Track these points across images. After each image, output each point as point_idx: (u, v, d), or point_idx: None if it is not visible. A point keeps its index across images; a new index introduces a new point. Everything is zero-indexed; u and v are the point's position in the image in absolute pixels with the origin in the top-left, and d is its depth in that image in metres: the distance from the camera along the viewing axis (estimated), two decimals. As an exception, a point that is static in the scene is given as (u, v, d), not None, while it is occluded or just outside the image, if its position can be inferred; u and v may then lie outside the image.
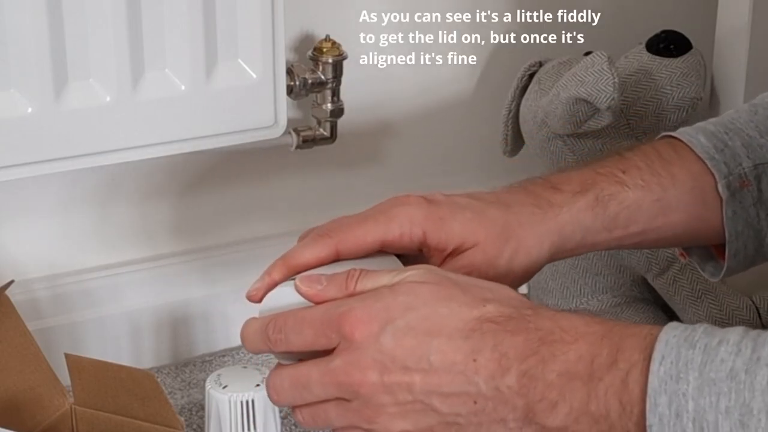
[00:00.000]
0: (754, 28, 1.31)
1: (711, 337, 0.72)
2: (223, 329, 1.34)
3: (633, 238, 0.94)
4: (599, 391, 0.73)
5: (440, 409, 0.76)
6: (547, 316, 0.77)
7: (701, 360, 0.71)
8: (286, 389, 0.80)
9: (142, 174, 1.28)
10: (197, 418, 1.22)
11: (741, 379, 0.69)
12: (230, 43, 1.20)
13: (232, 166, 1.33)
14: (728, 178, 0.94)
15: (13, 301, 1.08)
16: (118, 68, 1.15)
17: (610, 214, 0.92)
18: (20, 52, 1.11)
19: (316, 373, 0.78)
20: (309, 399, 0.79)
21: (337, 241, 0.85)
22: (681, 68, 1.30)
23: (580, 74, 1.25)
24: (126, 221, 1.30)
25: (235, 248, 1.34)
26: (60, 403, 1.09)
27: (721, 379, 0.70)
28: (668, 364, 0.71)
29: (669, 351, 0.72)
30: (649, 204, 0.93)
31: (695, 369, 0.71)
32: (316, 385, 0.78)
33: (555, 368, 0.74)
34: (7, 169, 1.15)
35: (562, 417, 0.74)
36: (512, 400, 0.75)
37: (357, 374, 0.77)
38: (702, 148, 0.94)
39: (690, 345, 0.72)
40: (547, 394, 0.74)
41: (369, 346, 0.76)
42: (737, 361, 0.70)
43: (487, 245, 0.88)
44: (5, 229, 1.25)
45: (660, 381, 0.71)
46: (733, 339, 0.71)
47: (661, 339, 0.72)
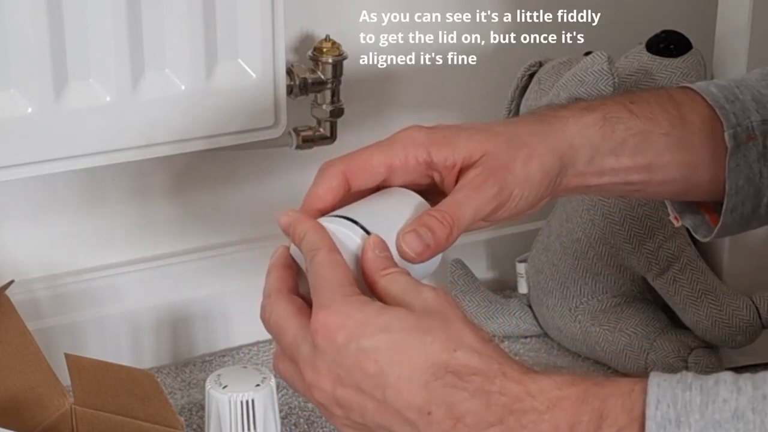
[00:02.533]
0: (754, 28, 1.31)
1: (704, 379, 0.67)
2: (223, 329, 1.33)
3: (639, 173, 0.91)
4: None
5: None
6: (515, 379, 0.70)
7: (701, 401, 0.66)
8: (270, 324, 0.78)
9: (142, 174, 1.28)
10: (197, 418, 1.22)
11: (749, 419, 0.65)
12: (230, 43, 1.20)
13: (232, 166, 1.33)
14: (735, 128, 0.92)
15: (13, 301, 1.08)
16: (118, 68, 1.15)
17: (618, 138, 0.90)
18: (20, 52, 1.11)
19: (292, 333, 0.76)
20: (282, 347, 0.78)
21: (344, 168, 0.83)
22: (681, 68, 1.30)
23: (580, 74, 1.25)
24: (126, 221, 1.30)
25: (235, 248, 1.34)
26: (60, 403, 1.09)
27: (727, 420, 0.65)
28: (665, 407, 0.67)
29: (663, 394, 0.67)
30: (657, 137, 0.91)
31: (695, 411, 0.66)
32: (290, 345, 0.76)
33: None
34: (7, 169, 1.15)
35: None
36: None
37: (312, 374, 0.74)
38: (713, 97, 0.93)
39: (685, 386, 0.67)
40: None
41: (328, 352, 0.73)
42: (741, 400, 0.66)
43: (497, 153, 0.84)
44: (5, 229, 1.25)
45: (658, 426, 0.66)
46: (728, 378, 0.67)
47: (651, 383, 0.68)
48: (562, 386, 0.70)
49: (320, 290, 0.75)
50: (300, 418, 1.22)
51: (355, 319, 0.73)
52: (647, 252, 1.29)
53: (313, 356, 0.74)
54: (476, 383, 0.70)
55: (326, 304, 0.74)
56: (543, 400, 0.69)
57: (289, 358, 0.77)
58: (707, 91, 0.94)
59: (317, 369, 0.74)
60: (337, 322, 0.73)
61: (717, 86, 0.95)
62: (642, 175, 0.92)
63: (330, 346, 0.73)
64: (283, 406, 1.23)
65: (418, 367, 0.71)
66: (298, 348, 0.76)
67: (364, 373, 0.72)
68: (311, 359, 0.74)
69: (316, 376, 0.74)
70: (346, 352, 0.72)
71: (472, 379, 0.70)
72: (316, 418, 1.22)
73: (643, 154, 0.91)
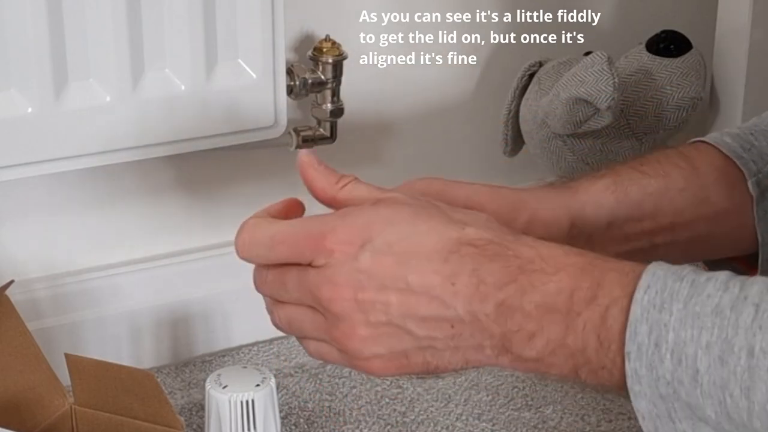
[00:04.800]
0: (754, 28, 1.31)
1: (699, 274, 0.70)
2: (223, 329, 1.34)
3: (664, 235, 0.91)
4: (577, 325, 0.72)
5: (416, 332, 0.75)
6: (528, 244, 0.75)
7: (687, 293, 0.69)
8: (268, 282, 0.79)
9: (142, 174, 1.28)
10: (197, 418, 1.22)
11: (726, 315, 0.68)
12: (230, 43, 1.20)
13: (232, 166, 1.33)
14: (758, 176, 0.91)
15: (13, 301, 1.08)
16: (118, 68, 1.15)
17: (633, 200, 0.90)
18: (20, 52, 1.11)
19: (295, 276, 0.77)
20: (286, 297, 0.78)
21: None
22: (681, 68, 1.30)
23: (580, 74, 1.25)
24: (126, 221, 1.30)
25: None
26: (60, 403, 1.09)
27: (706, 314, 0.68)
28: (653, 293, 0.70)
29: (655, 281, 0.70)
30: (675, 194, 0.90)
31: (680, 301, 0.69)
32: (293, 288, 0.77)
33: (533, 299, 0.73)
34: (7, 169, 1.15)
35: (539, 348, 0.73)
36: (489, 327, 0.74)
37: (329, 289, 0.75)
38: (728, 147, 0.92)
39: (678, 278, 0.70)
40: (524, 324, 0.73)
41: (346, 264, 0.74)
42: (724, 297, 0.68)
43: (498, 213, 0.85)
44: (5, 229, 1.25)
45: (642, 310, 0.70)
46: (721, 278, 0.70)
47: (648, 270, 0.71)
48: (570, 254, 0.74)
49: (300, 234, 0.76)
50: (300, 418, 1.22)
51: (359, 224, 0.75)
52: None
53: (327, 273, 0.75)
54: (493, 249, 0.74)
55: (328, 230, 0.76)
56: (552, 263, 0.73)
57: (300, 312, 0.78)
58: (721, 142, 0.93)
59: (335, 282, 0.75)
60: (347, 234, 0.75)
61: (731, 135, 0.94)
62: (666, 236, 0.91)
63: (347, 257, 0.75)
64: (283, 406, 1.23)
65: (433, 248, 0.74)
66: (307, 283, 0.76)
67: (383, 269, 0.74)
68: (326, 276, 0.75)
69: (335, 289, 0.75)
70: (363, 256, 0.74)
71: (489, 246, 0.74)
72: (315, 418, 1.22)
73: (664, 214, 0.90)
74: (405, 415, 1.22)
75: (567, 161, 1.33)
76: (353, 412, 1.23)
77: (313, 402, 1.24)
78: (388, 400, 1.24)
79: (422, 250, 0.74)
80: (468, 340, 0.74)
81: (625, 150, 1.32)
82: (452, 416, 1.22)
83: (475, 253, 0.74)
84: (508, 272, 0.73)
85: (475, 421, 1.21)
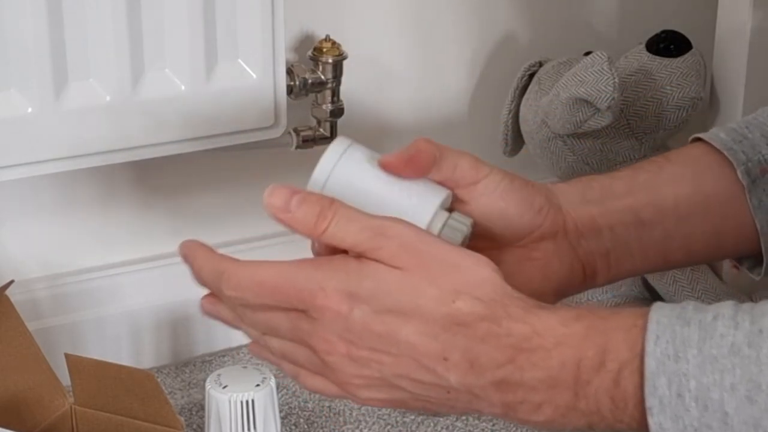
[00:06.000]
0: (754, 28, 1.31)
1: (704, 313, 0.69)
2: (223, 329, 1.32)
3: (650, 211, 0.88)
4: (588, 392, 0.71)
5: (410, 390, 0.75)
6: (521, 319, 0.72)
7: (699, 337, 0.68)
8: (259, 322, 0.78)
9: (142, 174, 1.28)
10: (197, 418, 1.22)
11: (745, 353, 0.67)
12: (230, 43, 1.20)
13: (232, 166, 1.33)
14: (746, 164, 0.90)
15: (13, 301, 1.08)
16: (118, 68, 1.15)
17: (601, 186, 0.88)
18: (20, 52, 1.11)
19: (287, 322, 0.76)
20: (281, 337, 0.78)
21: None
22: (681, 68, 1.30)
23: (580, 74, 1.25)
24: (126, 221, 1.30)
25: (235, 248, 1.34)
26: (60, 403, 1.09)
27: (723, 356, 0.67)
28: (664, 343, 0.68)
29: (663, 330, 0.69)
30: (662, 181, 0.89)
31: (693, 346, 0.68)
32: (285, 332, 0.77)
33: (536, 376, 0.71)
34: (7, 169, 1.15)
35: (548, 414, 0.72)
36: (489, 398, 0.73)
37: (324, 344, 0.75)
38: (720, 142, 0.91)
39: (684, 322, 0.69)
40: (529, 397, 0.72)
41: (337, 322, 0.74)
42: (737, 335, 0.67)
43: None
44: (5, 229, 1.25)
45: (657, 363, 0.68)
46: (727, 313, 0.69)
47: (651, 319, 0.70)
48: (567, 322, 0.72)
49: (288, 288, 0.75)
50: (300, 418, 1.22)
51: (348, 288, 0.74)
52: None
53: (320, 328, 0.75)
54: (484, 329, 0.72)
55: (315, 289, 0.74)
56: (549, 337, 0.71)
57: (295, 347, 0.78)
58: (715, 137, 0.92)
59: (328, 337, 0.74)
60: (336, 297, 0.74)
61: (726, 130, 0.93)
62: (651, 213, 0.88)
63: (338, 318, 0.74)
64: (283, 406, 1.23)
65: (424, 322, 0.73)
66: (300, 330, 0.76)
67: (374, 335, 0.74)
68: (320, 331, 0.75)
69: (329, 343, 0.75)
70: (353, 317, 0.74)
71: (480, 325, 0.72)
72: (315, 418, 1.22)
73: (633, 194, 0.88)
74: (405, 415, 1.22)
75: (567, 161, 1.32)
76: (353, 412, 1.23)
77: (313, 402, 1.24)
78: (388, 400, 1.24)
79: (412, 322, 0.73)
80: (465, 405, 0.74)
81: (625, 150, 1.32)
82: (452, 416, 1.22)
83: (466, 334, 0.72)
84: (502, 353, 0.72)
85: (475, 421, 1.21)
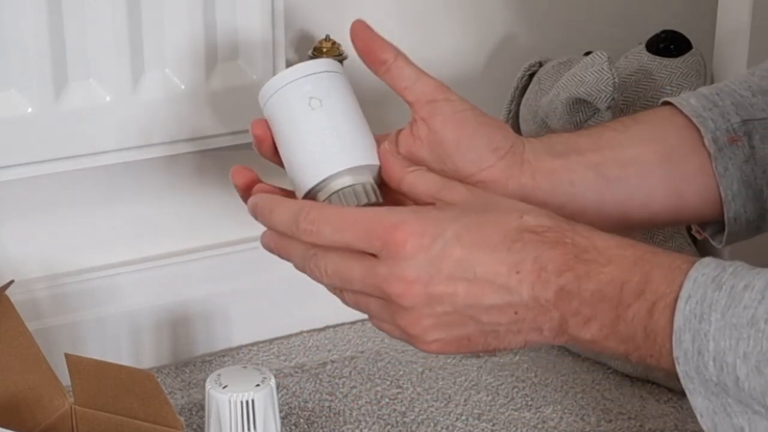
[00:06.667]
0: (754, 28, 1.31)
1: (738, 279, 0.73)
2: (223, 329, 1.34)
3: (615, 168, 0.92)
4: (627, 315, 0.76)
5: (480, 319, 0.79)
6: (583, 234, 0.79)
7: (725, 303, 0.72)
8: (329, 275, 0.82)
9: (142, 174, 1.28)
10: (197, 418, 1.22)
11: (760, 327, 0.71)
12: (230, 44, 1.20)
13: (232, 166, 1.33)
14: (714, 133, 0.92)
15: (13, 301, 1.08)
16: (118, 68, 1.15)
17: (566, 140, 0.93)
18: (20, 52, 1.11)
19: (359, 271, 0.81)
20: (350, 289, 0.82)
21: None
22: (681, 68, 1.30)
23: (580, 74, 1.25)
24: (126, 221, 1.30)
25: (235, 248, 1.34)
26: (60, 403, 1.09)
27: (742, 325, 0.71)
28: (693, 303, 0.73)
29: (696, 290, 0.74)
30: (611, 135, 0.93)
31: (718, 311, 0.72)
32: (357, 282, 0.81)
33: (589, 287, 0.77)
34: (7, 169, 1.15)
35: (594, 332, 0.77)
36: (550, 311, 0.78)
37: (400, 285, 0.79)
38: (690, 108, 0.94)
39: (717, 286, 0.73)
40: (581, 309, 0.77)
41: (418, 257, 0.78)
42: (759, 309, 0.71)
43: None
44: (5, 229, 1.25)
45: (685, 319, 0.73)
46: (759, 285, 0.72)
47: (690, 277, 0.74)
48: (623, 246, 0.78)
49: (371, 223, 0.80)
50: (300, 418, 1.22)
51: (430, 219, 0.80)
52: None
53: (398, 268, 0.79)
54: (552, 236, 0.79)
55: (398, 222, 0.79)
56: (605, 254, 0.78)
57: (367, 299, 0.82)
58: (685, 103, 0.94)
59: (406, 278, 0.79)
60: (420, 228, 0.79)
61: (697, 96, 0.95)
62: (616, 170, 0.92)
63: (420, 250, 0.79)
64: (283, 406, 1.23)
65: (497, 238, 0.79)
66: (375, 276, 0.80)
67: (452, 261, 0.79)
68: (398, 271, 0.79)
69: (406, 285, 0.79)
70: (434, 248, 0.79)
71: (548, 234, 0.79)
72: (315, 418, 1.22)
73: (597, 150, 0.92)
74: (405, 415, 1.22)
75: (567, 161, 1.32)
76: (353, 412, 1.23)
77: (313, 402, 1.24)
78: (388, 400, 1.24)
79: (487, 241, 0.79)
80: (529, 323, 0.79)
81: (625, 150, 1.32)
82: (452, 416, 1.22)
83: (537, 240, 0.79)
84: (565, 260, 0.78)
85: (475, 421, 1.21)
